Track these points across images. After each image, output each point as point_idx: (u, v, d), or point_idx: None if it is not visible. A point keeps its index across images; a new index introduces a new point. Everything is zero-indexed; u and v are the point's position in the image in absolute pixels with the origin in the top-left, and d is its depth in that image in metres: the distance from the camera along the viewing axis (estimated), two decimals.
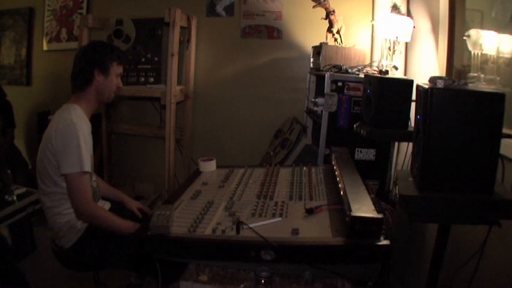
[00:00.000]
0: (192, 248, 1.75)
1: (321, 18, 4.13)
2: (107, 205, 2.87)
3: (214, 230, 1.78)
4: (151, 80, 4.70)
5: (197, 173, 2.75)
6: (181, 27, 4.50)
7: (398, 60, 3.47)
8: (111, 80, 2.73)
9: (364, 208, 1.64)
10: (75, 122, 2.55)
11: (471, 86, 2.00)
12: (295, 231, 1.73)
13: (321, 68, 3.67)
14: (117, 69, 2.75)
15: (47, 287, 3.57)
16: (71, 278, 3.59)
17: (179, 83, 4.66)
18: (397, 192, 1.89)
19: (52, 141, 2.54)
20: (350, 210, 1.62)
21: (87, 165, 2.53)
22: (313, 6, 4.07)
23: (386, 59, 3.41)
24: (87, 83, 2.69)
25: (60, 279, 3.67)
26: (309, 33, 4.58)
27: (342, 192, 1.94)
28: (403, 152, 3.10)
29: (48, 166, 2.57)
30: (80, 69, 2.69)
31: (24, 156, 5.58)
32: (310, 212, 1.90)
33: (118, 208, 2.87)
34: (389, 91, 2.56)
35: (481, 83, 2.46)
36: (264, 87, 4.87)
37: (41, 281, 3.56)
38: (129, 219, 2.62)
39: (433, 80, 1.83)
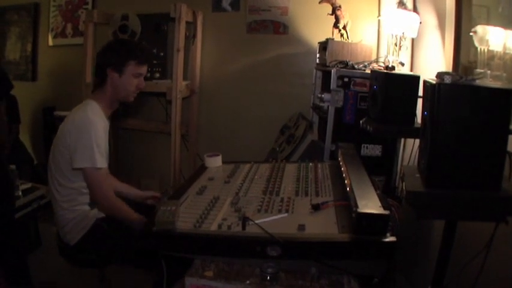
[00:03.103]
0: (198, 243, 1.75)
1: (327, 14, 4.12)
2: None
3: (220, 226, 1.78)
4: (157, 75, 4.70)
5: (203, 168, 2.75)
6: (187, 23, 4.50)
7: (405, 56, 3.45)
8: (127, 79, 2.72)
9: (370, 204, 1.64)
10: (91, 118, 2.57)
11: (478, 82, 1.99)
12: (301, 227, 1.72)
13: (327, 64, 3.66)
14: (135, 68, 2.72)
15: (52, 282, 3.58)
16: (75, 274, 3.60)
17: (185, 78, 4.66)
18: (403, 188, 1.89)
19: (66, 136, 2.56)
20: (356, 207, 1.61)
21: (100, 162, 2.55)
22: (319, 2, 4.06)
23: (393, 55, 3.40)
24: (102, 80, 2.71)
25: (65, 275, 3.68)
26: (315, 28, 4.56)
27: (348, 188, 1.93)
28: (410, 148, 3.08)
29: (61, 160, 2.59)
30: (96, 66, 2.75)
31: (30, 152, 5.59)
32: (316, 208, 1.89)
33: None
34: (396, 87, 2.55)
35: (487, 79, 2.45)
36: (270, 82, 4.86)
37: (46, 276, 3.57)
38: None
39: (440, 75, 1.82)
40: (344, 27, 4.08)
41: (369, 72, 3.11)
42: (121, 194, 2.87)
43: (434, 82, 1.76)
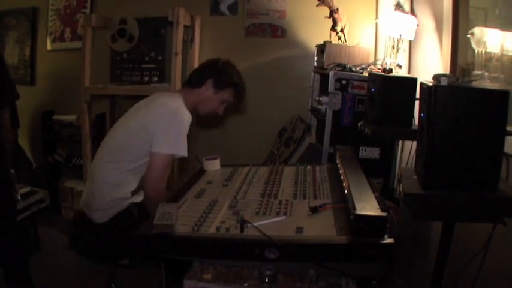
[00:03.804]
0: (196, 246, 1.75)
1: (325, 17, 4.13)
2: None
3: (218, 229, 1.78)
4: (155, 79, 4.70)
5: (201, 171, 2.75)
6: (185, 26, 4.51)
7: (402, 58, 3.46)
8: (217, 100, 2.84)
9: (368, 206, 1.64)
10: (182, 106, 2.67)
11: (475, 84, 2.00)
12: (299, 230, 1.72)
13: (325, 67, 3.67)
14: (228, 96, 2.86)
15: (51, 286, 3.58)
16: (75, 277, 3.61)
17: (183, 82, 4.65)
18: (401, 190, 1.90)
19: (154, 119, 2.61)
20: (354, 209, 1.61)
21: (185, 151, 2.63)
22: (317, 5, 4.07)
23: (390, 57, 3.41)
24: (198, 84, 2.80)
25: (64, 278, 3.69)
26: (313, 31, 4.58)
27: (346, 191, 1.93)
28: (408, 150, 3.09)
29: (137, 141, 2.63)
30: (201, 70, 2.84)
31: (28, 156, 5.59)
32: (314, 210, 1.90)
33: None
34: (394, 89, 2.56)
35: (485, 81, 2.46)
36: (268, 85, 4.86)
37: (45, 280, 3.56)
38: None
39: (437, 77, 1.83)
40: (342, 30, 4.09)
41: (367, 74, 3.12)
42: None
43: (430, 84, 1.77)
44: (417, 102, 2.31)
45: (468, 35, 2.56)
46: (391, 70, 3.11)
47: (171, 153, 2.58)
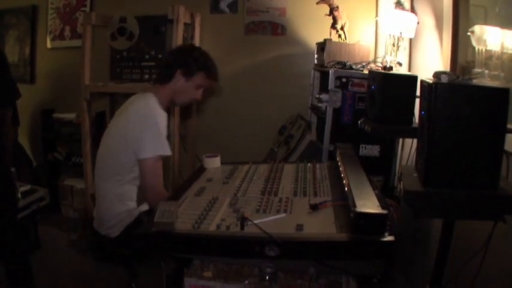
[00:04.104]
0: (197, 244, 1.75)
1: (325, 15, 4.14)
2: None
3: (218, 226, 1.78)
4: (155, 77, 4.69)
5: (201, 169, 2.75)
6: (185, 24, 4.50)
7: (403, 56, 3.46)
8: (191, 87, 2.79)
9: (368, 204, 1.64)
10: (154, 107, 2.62)
11: (475, 82, 2.00)
12: (299, 227, 1.72)
13: (325, 64, 3.67)
14: (202, 80, 2.79)
15: (52, 284, 3.58)
16: (76, 275, 3.61)
17: None
18: (401, 188, 1.90)
19: (130, 128, 2.58)
20: (354, 206, 1.61)
21: (168, 150, 2.60)
22: (317, 3, 4.07)
23: (391, 55, 3.41)
24: (168, 78, 2.75)
25: (65, 276, 3.69)
26: (313, 29, 4.58)
27: (346, 188, 1.93)
28: (408, 147, 3.09)
29: (123, 153, 2.60)
30: (167, 63, 2.78)
31: (28, 154, 5.59)
32: (314, 208, 1.90)
33: None
34: (394, 87, 2.56)
35: (485, 79, 2.45)
36: (268, 83, 4.87)
37: (45, 278, 3.57)
38: None
39: (437, 75, 1.83)
40: (342, 28, 4.09)
41: (367, 72, 3.12)
42: None
43: (431, 82, 1.76)
44: (417, 100, 2.32)
45: (468, 33, 2.56)
46: (391, 68, 3.12)
47: (155, 155, 2.55)
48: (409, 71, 3.50)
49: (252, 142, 4.85)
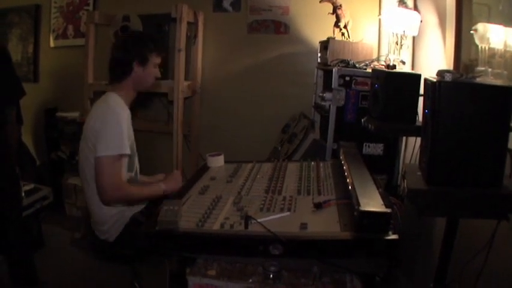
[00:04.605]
0: (201, 242, 1.75)
1: (328, 13, 4.13)
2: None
3: (222, 225, 1.78)
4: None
5: (205, 168, 2.75)
6: (188, 23, 4.51)
7: (406, 54, 3.46)
8: (150, 71, 2.77)
9: (372, 202, 1.64)
10: (113, 106, 2.61)
11: (479, 80, 2.00)
12: (303, 226, 1.72)
13: (329, 63, 3.67)
14: (155, 59, 2.78)
15: (55, 283, 3.59)
16: (79, 273, 3.61)
17: (186, 78, 4.67)
18: (405, 186, 1.90)
19: (93, 131, 2.56)
20: (358, 205, 1.61)
21: (126, 148, 2.56)
22: (320, 1, 4.07)
23: (394, 54, 3.41)
24: (126, 74, 2.72)
25: (68, 275, 3.70)
26: (316, 28, 4.57)
27: (350, 187, 1.93)
28: (411, 146, 3.09)
29: (92, 154, 2.57)
30: (118, 61, 2.73)
31: (32, 153, 5.60)
32: (318, 206, 1.90)
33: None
34: (397, 85, 2.56)
35: (488, 77, 2.45)
36: (272, 82, 4.86)
37: (49, 276, 3.57)
38: None
39: (441, 73, 1.83)
40: (345, 26, 4.09)
41: (370, 71, 3.12)
42: None
43: (435, 80, 1.76)
44: (421, 99, 2.31)
45: (471, 31, 2.56)
46: (394, 66, 3.11)
47: (111, 154, 2.50)
48: (413, 69, 3.49)
49: (255, 141, 4.85)
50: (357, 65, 3.42)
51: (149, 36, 2.88)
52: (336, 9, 4.06)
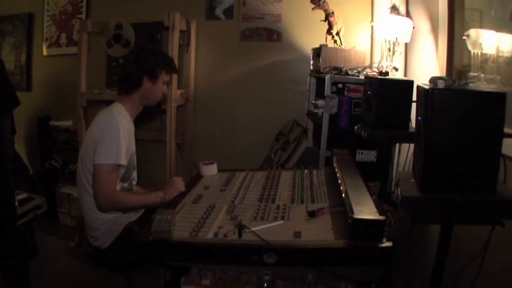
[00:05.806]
0: (194, 252, 1.75)
1: (320, 20, 4.13)
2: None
3: (216, 234, 1.78)
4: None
5: (198, 177, 2.75)
6: (181, 31, 4.50)
7: (398, 61, 3.46)
8: (158, 87, 2.84)
9: (366, 210, 1.64)
10: (116, 116, 2.64)
11: (472, 86, 2.00)
12: (297, 234, 1.72)
13: (321, 70, 3.67)
14: (165, 77, 2.86)
15: None
16: (73, 282, 3.60)
17: (179, 86, 4.65)
18: (399, 193, 1.89)
19: (93, 137, 2.61)
20: (352, 212, 1.61)
21: (122, 159, 2.58)
22: (313, 8, 4.06)
23: (386, 60, 3.41)
24: (135, 88, 2.78)
25: (62, 284, 3.68)
26: (309, 35, 4.58)
27: (343, 195, 1.93)
28: (405, 153, 3.09)
29: (91, 162, 2.60)
30: (128, 74, 2.79)
31: (25, 162, 5.58)
32: (312, 214, 1.90)
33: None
34: (390, 92, 2.56)
35: (481, 83, 2.45)
36: (264, 89, 4.86)
37: (43, 286, 3.56)
38: None
39: (433, 80, 1.83)
40: (337, 34, 4.09)
41: (363, 78, 3.12)
42: None
43: (427, 87, 1.76)
44: (414, 105, 2.32)
45: (464, 37, 2.56)
46: (387, 73, 3.12)
47: (107, 162, 2.53)
48: (405, 75, 3.50)
49: (248, 149, 4.85)
50: (350, 72, 3.42)
51: (161, 53, 2.96)
52: (328, 16, 4.06)
